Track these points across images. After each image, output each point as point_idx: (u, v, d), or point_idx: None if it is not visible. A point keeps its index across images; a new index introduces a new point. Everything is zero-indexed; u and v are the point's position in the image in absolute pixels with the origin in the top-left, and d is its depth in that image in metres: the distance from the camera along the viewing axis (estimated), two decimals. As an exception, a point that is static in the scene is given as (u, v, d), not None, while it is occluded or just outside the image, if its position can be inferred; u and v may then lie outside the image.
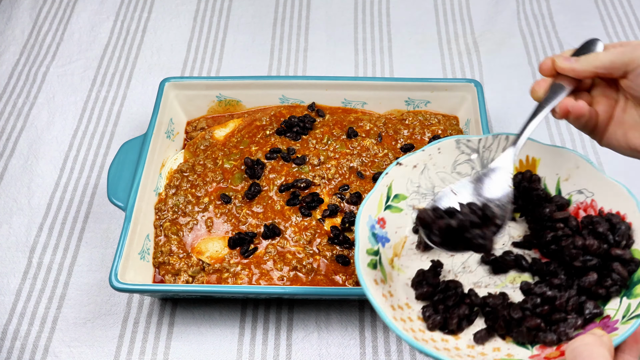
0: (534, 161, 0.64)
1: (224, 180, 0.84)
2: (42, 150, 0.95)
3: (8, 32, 1.13)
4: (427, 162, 0.64)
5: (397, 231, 0.62)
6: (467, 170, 0.65)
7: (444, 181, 0.64)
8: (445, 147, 0.64)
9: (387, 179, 0.62)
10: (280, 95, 0.91)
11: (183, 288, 0.69)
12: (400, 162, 0.63)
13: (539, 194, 0.62)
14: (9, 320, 0.77)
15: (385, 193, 0.62)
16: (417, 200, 0.64)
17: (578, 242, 0.56)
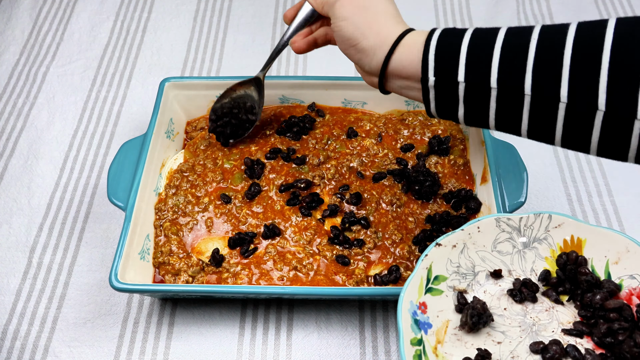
0: (580, 242, 0.63)
1: (224, 180, 0.84)
2: (42, 150, 0.95)
3: (8, 32, 1.13)
4: (466, 241, 0.63)
5: (439, 315, 0.60)
6: (509, 248, 0.64)
7: (484, 260, 0.63)
8: (485, 225, 0.63)
9: (426, 261, 0.60)
10: (280, 95, 0.91)
11: (183, 288, 0.69)
12: (440, 242, 0.61)
13: (588, 279, 0.60)
14: (9, 320, 0.77)
15: (425, 276, 0.60)
16: (458, 281, 0.62)
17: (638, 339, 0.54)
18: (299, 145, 0.87)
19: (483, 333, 0.60)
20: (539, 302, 0.63)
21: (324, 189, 0.82)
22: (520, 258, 0.64)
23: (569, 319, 0.61)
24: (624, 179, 0.90)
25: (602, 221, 0.85)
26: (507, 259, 0.64)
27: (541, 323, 0.61)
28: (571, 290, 0.63)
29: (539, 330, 0.61)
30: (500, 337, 0.60)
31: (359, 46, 0.61)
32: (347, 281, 0.74)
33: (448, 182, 0.82)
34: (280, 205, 0.80)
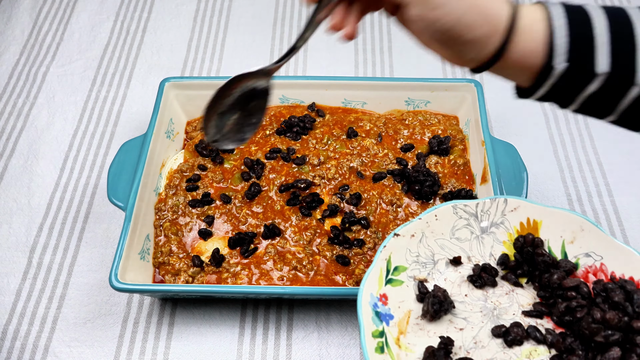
0: (535, 224, 0.63)
1: (224, 180, 0.84)
2: (42, 150, 0.95)
3: (8, 32, 1.13)
4: (424, 230, 0.63)
5: (400, 306, 0.60)
6: (467, 235, 0.64)
7: (443, 248, 0.63)
8: (442, 213, 0.63)
9: (385, 252, 0.60)
10: (280, 95, 0.91)
11: (183, 288, 0.69)
12: (398, 232, 0.61)
13: (545, 260, 0.61)
14: (9, 320, 0.77)
15: (385, 267, 0.60)
16: (418, 270, 0.62)
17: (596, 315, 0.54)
18: (299, 145, 0.87)
19: (445, 321, 0.60)
20: (499, 286, 0.63)
21: (324, 189, 0.82)
22: (479, 244, 0.64)
23: (528, 301, 0.62)
24: (624, 179, 0.90)
25: (602, 221, 0.85)
26: (465, 246, 0.64)
27: (502, 307, 0.61)
28: (529, 272, 0.63)
29: (500, 314, 0.61)
30: (463, 324, 0.60)
31: (463, 38, 0.48)
32: (347, 281, 0.74)
33: (448, 182, 0.82)
34: (280, 205, 0.80)
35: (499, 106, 0.99)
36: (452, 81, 0.88)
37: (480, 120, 0.82)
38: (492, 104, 0.99)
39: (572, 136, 0.96)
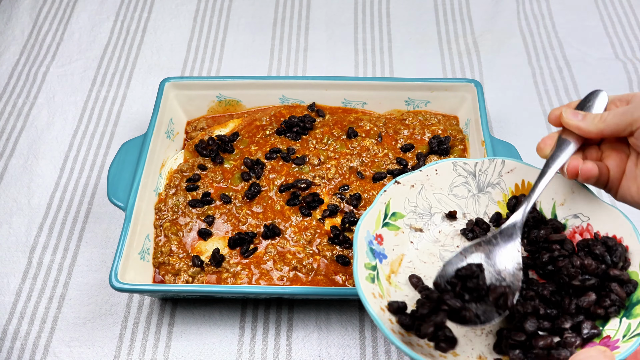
0: (530, 185, 0.65)
1: (224, 180, 0.84)
2: (42, 150, 0.95)
3: (8, 32, 1.13)
4: (424, 182, 0.65)
5: (395, 249, 0.62)
6: (464, 192, 0.65)
7: (440, 202, 0.65)
8: (442, 168, 0.65)
9: (385, 196, 0.62)
10: (280, 95, 0.91)
11: (183, 288, 0.69)
12: (399, 180, 0.63)
13: (535, 217, 0.62)
14: (9, 320, 0.77)
15: (384, 210, 0.62)
16: (414, 220, 0.64)
17: (576, 262, 0.56)
18: (299, 145, 0.87)
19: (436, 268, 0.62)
20: None
21: (324, 189, 0.82)
22: (475, 202, 0.66)
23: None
24: (624, 179, 0.90)
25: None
26: (462, 202, 0.66)
27: None
28: None
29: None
30: None
31: None
32: (347, 281, 0.74)
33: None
34: (280, 205, 0.80)
35: (499, 106, 0.99)
36: (452, 81, 0.88)
37: (480, 120, 0.82)
38: (492, 104, 0.99)
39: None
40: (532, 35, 1.11)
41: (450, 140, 0.86)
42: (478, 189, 0.66)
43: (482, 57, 1.08)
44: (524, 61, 1.07)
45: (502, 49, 1.09)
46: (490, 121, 0.97)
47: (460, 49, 1.09)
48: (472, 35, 1.12)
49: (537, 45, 1.09)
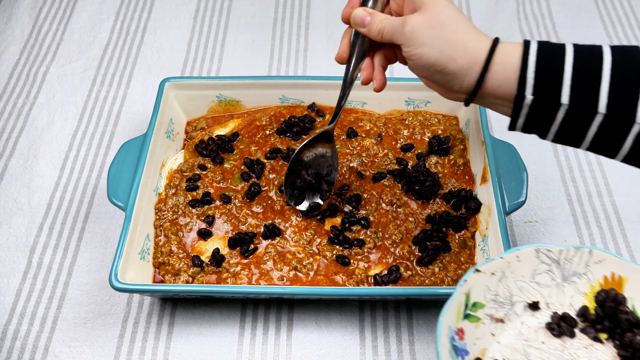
0: (620, 280, 0.62)
1: (224, 180, 0.84)
2: (42, 150, 0.95)
3: (8, 32, 1.13)
4: (505, 269, 0.62)
5: (476, 343, 0.60)
6: (547, 280, 0.63)
7: (522, 290, 0.62)
8: (524, 255, 0.62)
9: (465, 286, 0.59)
10: (280, 95, 0.91)
11: (183, 288, 0.69)
12: (479, 268, 0.60)
13: (629, 319, 0.59)
14: (9, 320, 0.77)
15: (464, 301, 0.60)
16: (495, 309, 0.62)
17: None
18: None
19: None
20: (577, 338, 0.61)
21: (324, 189, 0.82)
22: (559, 292, 0.63)
23: (608, 359, 0.60)
24: (624, 179, 0.90)
25: (602, 221, 0.85)
26: (545, 292, 0.63)
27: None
28: (610, 329, 0.61)
29: None
30: None
31: (446, 70, 0.57)
32: (347, 281, 0.74)
33: (448, 182, 0.82)
34: (280, 205, 0.80)
35: (499, 106, 0.99)
36: (452, 81, 0.88)
37: (480, 120, 0.82)
38: (492, 104, 0.99)
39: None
40: (532, 35, 1.11)
41: (450, 140, 0.86)
42: (563, 278, 0.63)
43: (482, 57, 1.07)
44: (524, 61, 1.07)
45: (502, 49, 1.09)
46: (490, 121, 0.97)
47: (460, 49, 1.09)
48: (472, 35, 1.12)
49: (537, 45, 1.09)
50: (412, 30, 0.57)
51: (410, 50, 0.58)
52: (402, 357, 0.73)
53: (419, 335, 0.74)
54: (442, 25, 0.56)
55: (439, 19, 0.56)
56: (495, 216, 0.73)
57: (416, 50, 0.57)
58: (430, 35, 0.56)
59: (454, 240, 0.77)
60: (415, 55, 0.58)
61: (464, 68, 0.56)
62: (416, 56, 0.58)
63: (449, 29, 0.56)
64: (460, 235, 0.78)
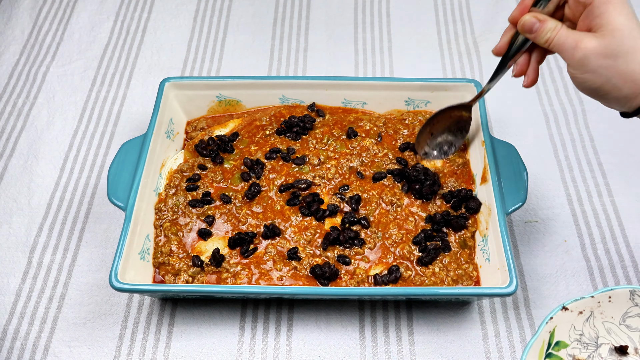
0: None
1: (224, 180, 0.84)
2: (42, 150, 0.95)
3: (8, 32, 1.13)
4: (594, 309, 0.60)
5: None
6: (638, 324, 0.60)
7: (609, 332, 0.61)
8: (617, 296, 0.60)
9: (550, 324, 0.58)
10: (280, 95, 0.91)
11: (183, 288, 0.69)
12: (567, 306, 0.59)
13: None
14: (9, 320, 0.77)
15: (547, 340, 0.58)
16: (578, 350, 0.60)
17: None
18: (299, 145, 0.87)
19: None
20: None
21: (324, 189, 0.82)
22: None
23: None
24: (624, 179, 0.90)
25: (602, 221, 0.85)
26: (635, 336, 0.61)
27: None
28: None
29: None
30: None
31: (608, 96, 0.57)
32: (347, 281, 0.74)
33: (448, 182, 0.82)
34: (280, 205, 0.80)
35: (499, 106, 0.99)
36: (452, 81, 0.88)
37: (480, 120, 0.82)
38: (492, 104, 0.99)
39: (572, 136, 0.96)
40: (532, 35, 1.11)
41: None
42: None
43: (482, 57, 1.08)
44: (524, 61, 1.07)
45: (502, 49, 1.09)
46: (490, 121, 0.97)
47: (460, 49, 1.09)
48: (472, 35, 1.12)
49: (537, 45, 1.09)
50: (583, 57, 0.55)
51: (575, 73, 0.57)
52: (402, 357, 0.73)
53: (419, 335, 0.74)
54: (617, 55, 0.54)
55: (617, 50, 0.54)
56: (495, 216, 0.73)
57: (581, 75, 0.56)
58: (600, 64, 0.55)
59: (454, 240, 0.77)
60: (579, 79, 0.57)
61: (627, 96, 0.55)
62: (580, 79, 0.57)
63: (623, 59, 0.54)
64: (460, 235, 0.78)
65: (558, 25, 0.58)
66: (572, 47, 0.56)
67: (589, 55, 0.55)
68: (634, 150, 0.93)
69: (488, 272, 0.73)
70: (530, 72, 0.65)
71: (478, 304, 0.77)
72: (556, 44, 0.58)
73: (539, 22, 0.59)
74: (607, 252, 0.82)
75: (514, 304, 0.77)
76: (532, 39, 0.61)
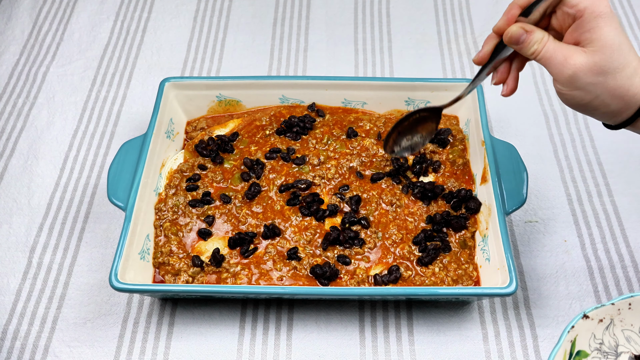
0: None
1: (224, 180, 0.84)
2: (42, 150, 0.95)
3: (8, 32, 1.13)
4: (614, 317, 0.59)
5: None
6: None
7: (629, 340, 0.60)
8: (637, 303, 0.59)
9: (572, 333, 0.57)
10: (280, 95, 0.91)
11: (183, 288, 0.69)
12: (587, 314, 0.58)
13: None
14: (9, 320, 0.77)
15: (569, 349, 0.58)
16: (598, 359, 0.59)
17: None
18: (299, 145, 0.87)
19: None
20: None
21: (324, 189, 0.82)
22: None
23: None
24: (624, 179, 0.90)
25: (602, 221, 0.85)
26: None
27: None
28: None
29: None
30: None
31: (596, 111, 0.56)
32: (347, 281, 0.74)
33: (448, 182, 0.82)
34: (280, 205, 0.80)
35: (499, 106, 0.99)
36: (452, 81, 0.88)
37: (480, 120, 0.82)
38: (492, 104, 0.99)
39: (572, 136, 0.96)
40: (532, 35, 1.11)
41: (450, 132, 0.86)
42: None
43: (482, 57, 1.07)
44: (524, 61, 1.07)
45: (502, 49, 1.09)
46: (490, 121, 0.97)
47: (460, 49, 1.09)
48: (472, 35, 1.12)
49: (537, 45, 1.09)
50: (573, 74, 0.54)
51: (562, 89, 0.56)
52: (402, 357, 0.73)
53: (419, 335, 0.74)
54: (607, 72, 0.54)
55: (607, 67, 0.53)
56: (495, 216, 0.73)
57: (569, 92, 0.56)
58: (590, 81, 0.54)
59: (454, 241, 0.77)
60: (567, 95, 0.56)
61: (614, 111, 0.55)
62: (568, 96, 0.56)
63: (612, 75, 0.54)
64: (460, 235, 0.78)
65: (545, 36, 0.57)
66: (560, 63, 0.55)
67: (578, 72, 0.54)
68: (634, 150, 0.93)
69: (488, 272, 0.73)
70: (510, 81, 0.64)
71: (478, 304, 0.77)
72: (543, 57, 0.57)
73: (526, 33, 0.57)
74: (607, 252, 0.82)
75: (514, 304, 0.77)
76: (518, 50, 0.59)
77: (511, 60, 0.63)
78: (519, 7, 0.59)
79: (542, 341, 0.73)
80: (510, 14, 0.59)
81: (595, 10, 0.54)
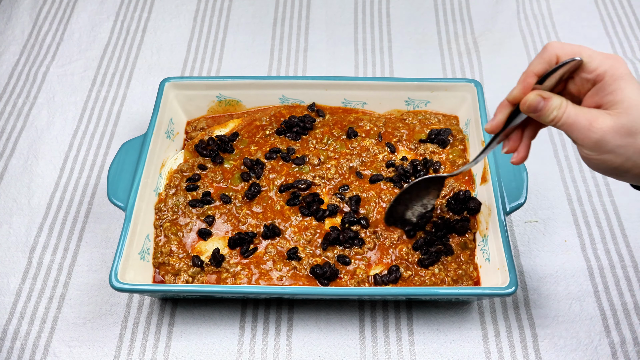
0: None
1: (224, 180, 0.84)
2: (42, 150, 0.95)
3: (8, 32, 1.13)
4: None
5: None
6: None
7: None
8: None
9: None
10: (280, 95, 0.91)
11: (183, 288, 0.69)
12: None
13: None
14: (9, 320, 0.77)
15: None
16: None
17: None
18: (299, 145, 0.87)
19: None
20: None
21: (324, 189, 0.82)
22: None
23: None
24: (624, 179, 0.90)
25: (602, 221, 0.85)
26: None
27: None
28: None
29: None
30: None
31: (628, 174, 0.55)
32: (348, 281, 0.74)
33: (447, 182, 0.82)
34: (280, 205, 0.80)
35: (499, 106, 0.99)
36: (452, 81, 0.88)
37: (480, 120, 0.82)
38: (492, 104, 0.99)
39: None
40: (532, 35, 1.11)
41: (449, 133, 0.86)
42: None
43: (482, 57, 1.08)
44: (524, 61, 1.07)
45: (502, 49, 1.09)
46: (490, 121, 0.97)
47: (460, 49, 1.09)
48: (472, 35, 1.12)
49: (537, 45, 1.09)
50: (601, 138, 0.53)
51: (590, 154, 0.55)
52: (402, 357, 0.73)
53: (419, 336, 0.74)
54: (636, 133, 0.52)
55: (634, 127, 0.52)
56: (495, 216, 0.73)
57: (599, 157, 0.54)
58: (620, 143, 0.53)
59: (455, 242, 0.77)
60: (597, 160, 0.55)
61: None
62: (597, 161, 0.55)
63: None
64: (461, 237, 0.78)
65: (564, 102, 0.55)
66: (585, 128, 0.53)
67: (606, 135, 0.53)
68: (634, 150, 0.93)
69: (488, 272, 0.73)
70: (522, 149, 0.62)
71: (478, 304, 0.77)
72: (565, 122, 0.55)
73: (543, 100, 0.56)
74: (607, 252, 0.82)
75: (514, 304, 0.77)
76: (536, 118, 0.57)
77: (523, 128, 0.62)
78: (535, 76, 0.57)
79: (542, 341, 0.73)
80: (526, 83, 0.57)
81: (615, 73, 0.53)
